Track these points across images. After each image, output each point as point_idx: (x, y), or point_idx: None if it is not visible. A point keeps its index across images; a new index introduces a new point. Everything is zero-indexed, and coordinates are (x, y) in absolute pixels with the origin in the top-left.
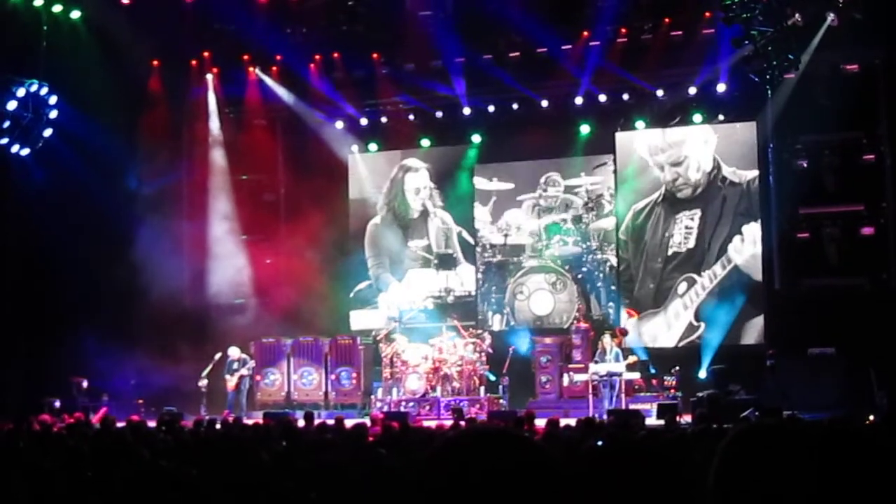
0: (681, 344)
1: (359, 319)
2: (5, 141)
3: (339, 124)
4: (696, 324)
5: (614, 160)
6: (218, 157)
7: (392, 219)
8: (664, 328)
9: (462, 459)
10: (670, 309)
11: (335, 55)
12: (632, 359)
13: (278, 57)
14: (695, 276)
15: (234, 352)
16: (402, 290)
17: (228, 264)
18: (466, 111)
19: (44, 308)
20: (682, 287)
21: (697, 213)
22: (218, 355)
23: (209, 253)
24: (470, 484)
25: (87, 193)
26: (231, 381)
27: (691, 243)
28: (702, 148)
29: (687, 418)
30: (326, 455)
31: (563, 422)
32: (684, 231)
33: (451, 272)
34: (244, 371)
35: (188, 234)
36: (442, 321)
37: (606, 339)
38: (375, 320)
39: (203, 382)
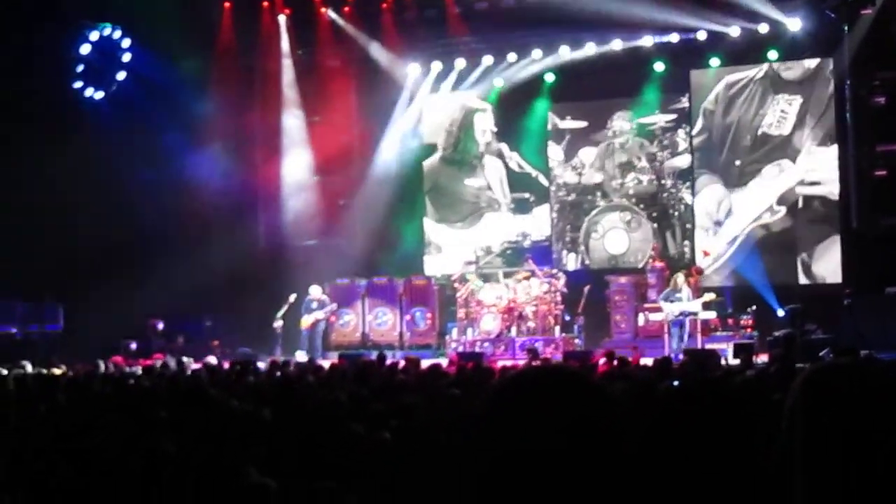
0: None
1: (432, 264)
2: (79, 85)
3: (411, 65)
4: (776, 208)
5: (689, 99)
6: (290, 99)
7: (456, 161)
8: (748, 202)
9: (519, 396)
10: (752, 187)
11: None
12: (708, 297)
13: None
14: (783, 162)
15: (314, 291)
16: (478, 233)
17: (302, 205)
18: (538, 51)
19: (120, 250)
20: (772, 171)
21: (798, 99)
22: (293, 296)
23: (282, 194)
24: (526, 421)
25: (160, 136)
26: (306, 320)
27: (785, 129)
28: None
29: (763, 358)
30: (400, 396)
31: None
32: (779, 115)
33: (528, 216)
34: (320, 314)
35: (261, 175)
36: (517, 264)
37: (680, 277)
38: (449, 265)
39: (278, 324)
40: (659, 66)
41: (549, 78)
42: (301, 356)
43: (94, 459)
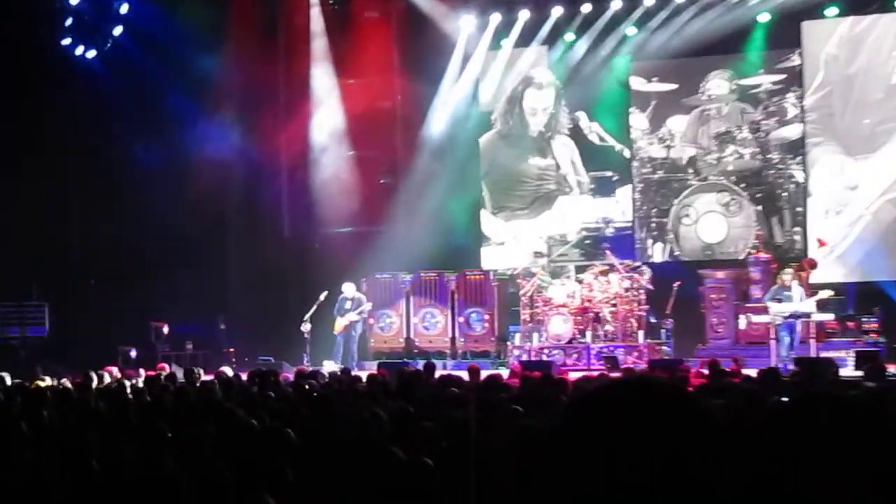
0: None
1: (491, 256)
2: (68, 41)
3: (464, 17)
4: None
5: (801, 55)
6: (319, 58)
7: (517, 137)
8: (877, 174)
9: (599, 416)
10: (884, 155)
11: None
12: (824, 294)
13: None
14: None
15: (348, 289)
16: (548, 221)
17: (334, 185)
18: (618, 1)
19: (119, 240)
20: None
21: None
22: (323, 294)
23: (311, 172)
24: (607, 447)
25: (164, 102)
26: (339, 323)
27: None
28: None
29: (893, 369)
30: (452, 414)
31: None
32: None
33: (610, 198)
34: (354, 315)
35: (285, 150)
36: (593, 255)
37: (789, 272)
38: (512, 256)
39: (306, 327)
40: (764, 17)
41: (631, 31)
42: (331, 366)
43: (86, 488)
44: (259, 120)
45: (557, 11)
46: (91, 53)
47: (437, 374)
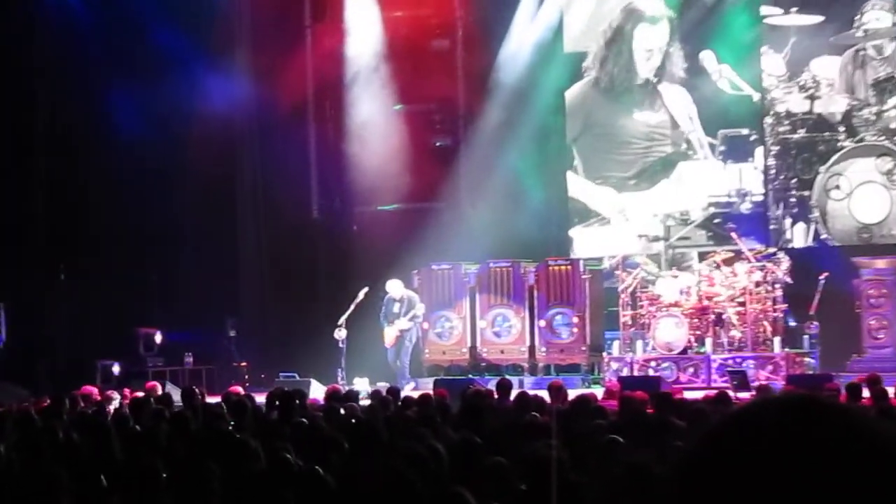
0: None
1: (582, 241)
2: None
3: None
4: None
5: None
6: None
7: (619, 88)
8: None
9: (749, 453)
10: None
11: None
12: None
13: None
14: None
15: (394, 288)
16: (662, 194)
17: (376, 150)
18: None
19: (97, 221)
20: None
21: None
22: (363, 292)
23: (346, 133)
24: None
25: (153, 41)
26: (389, 333)
27: None
28: None
29: None
30: (531, 446)
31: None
32: None
33: (746, 164)
34: (405, 322)
35: (313, 102)
36: (723, 238)
37: None
38: (609, 242)
39: (341, 334)
40: None
41: None
42: (364, 384)
43: None
44: (277, 65)
45: None
46: None
47: (512, 394)
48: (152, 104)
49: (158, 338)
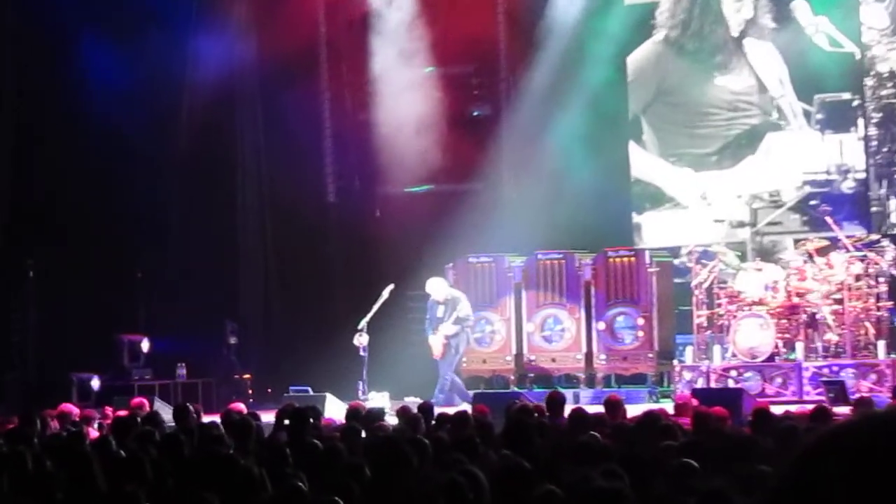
0: None
1: (650, 229)
2: None
3: None
4: None
5: None
6: None
7: (696, 47)
8: None
9: (851, 481)
10: None
11: None
12: None
13: None
14: None
15: (436, 287)
16: (746, 172)
17: (403, 121)
18: None
19: (71, 205)
20: None
21: None
22: (388, 290)
23: (367, 100)
24: None
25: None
26: (435, 342)
27: None
28: None
29: None
30: (588, 472)
31: None
32: None
33: (849, 134)
34: (450, 327)
35: (328, 65)
36: (820, 223)
37: None
38: (680, 230)
39: (362, 340)
40: None
41: None
42: (382, 399)
43: None
44: (281, 17)
45: None
46: None
47: (566, 410)
48: (134, 66)
49: (145, 346)
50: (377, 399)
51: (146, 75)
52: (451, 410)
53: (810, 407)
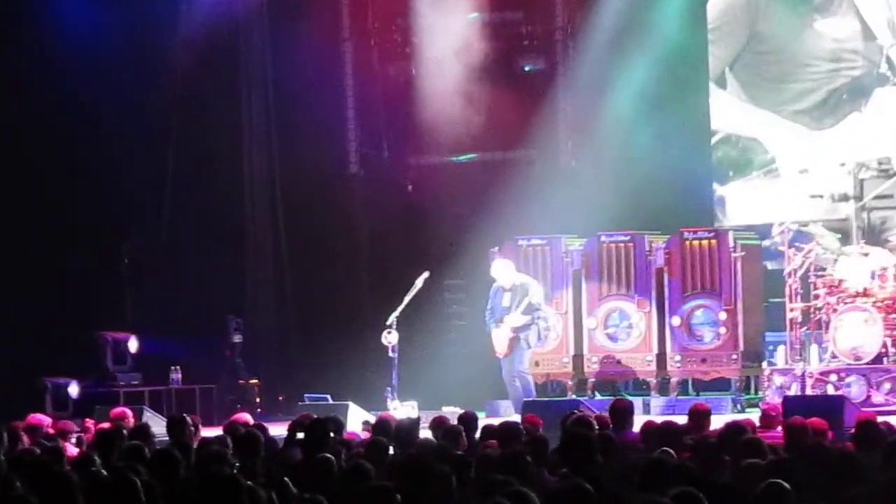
0: None
1: (735, 205)
2: None
3: None
4: None
5: None
6: None
7: None
8: None
9: None
10: None
11: None
12: None
13: None
14: None
15: (502, 273)
16: (857, 133)
17: (440, 78)
18: None
19: (46, 183)
20: None
21: None
22: (421, 278)
23: (397, 53)
24: None
25: None
26: (499, 337)
27: None
28: None
29: None
30: (662, 495)
31: None
32: None
33: None
34: (517, 318)
35: (351, 11)
36: None
37: None
38: (770, 206)
39: (391, 338)
40: None
41: None
42: (409, 410)
43: None
44: None
45: None
46: None
47: (636, 422)
48: (115, 6)
49: (133, 346)
50: (404, 410)
51: (133, 18)
52: (496, 421)
53: None
